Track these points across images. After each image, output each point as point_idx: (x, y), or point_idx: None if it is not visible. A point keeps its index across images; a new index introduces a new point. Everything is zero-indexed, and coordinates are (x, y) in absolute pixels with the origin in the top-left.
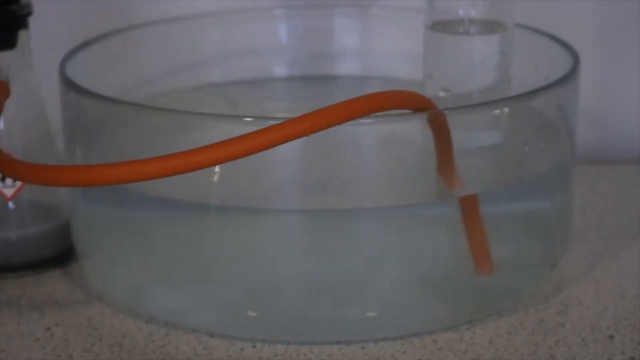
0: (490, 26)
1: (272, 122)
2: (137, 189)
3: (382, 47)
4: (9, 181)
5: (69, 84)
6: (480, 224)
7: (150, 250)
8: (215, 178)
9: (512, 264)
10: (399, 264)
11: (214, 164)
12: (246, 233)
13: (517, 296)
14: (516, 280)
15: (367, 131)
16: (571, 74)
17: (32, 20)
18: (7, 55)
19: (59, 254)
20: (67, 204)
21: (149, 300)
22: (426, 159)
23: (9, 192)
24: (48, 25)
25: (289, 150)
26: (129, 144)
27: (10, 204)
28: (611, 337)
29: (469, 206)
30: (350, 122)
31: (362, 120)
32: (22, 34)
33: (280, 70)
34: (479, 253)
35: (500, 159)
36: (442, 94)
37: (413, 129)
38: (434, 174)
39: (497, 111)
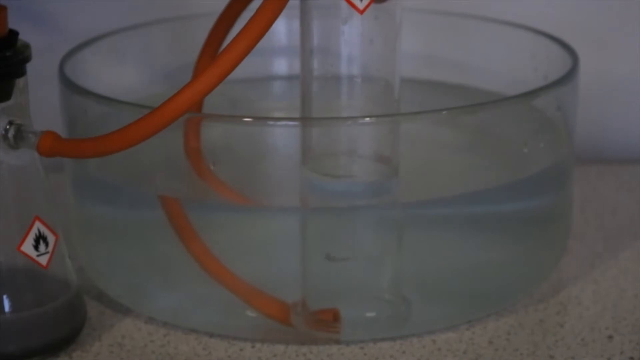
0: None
1: (271, 123)
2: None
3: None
4: (42, 247)
5: (69, 84)
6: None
7: (149, 250)
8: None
9: (512, 264)
10: (398, 264)
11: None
12: (245, 232)
13: (516, 296)
14: (515, 280)
15: (369, 130)
16: (570, 74)
17: (32, 20)
18: (1, 107)
19: (63, 339)
20: (73, 277)
21: (149, 301)
22: (428, 158)
23: (44, 260)
24: (48, 25)
25: (289, 149)
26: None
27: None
28: (610, 337)
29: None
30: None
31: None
32: (19, 82)
33: (279, 69)
34: None
35: (500, 159)
36: None
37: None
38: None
39: (497, 111)
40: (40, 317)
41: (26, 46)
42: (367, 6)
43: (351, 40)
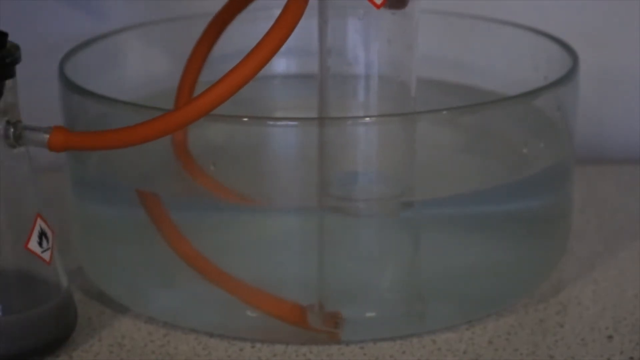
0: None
1: (271, 123)
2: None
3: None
4: (44, 244)
5: (69, 84)
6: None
7: (149, 250)
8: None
9: (512, 263)
10: (398, 264)
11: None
12: (245, 232)
13: (516, 296)
14: (515, 280)
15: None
16: (570, 74)
17: (32, 20)
18: None
19: (54, 341)
20: (64, 278)
21: (148, 301)
22: (427, 158)
23: (47, 256)
24: (48, 25)
25: (289, 148)
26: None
27: None
28: (610, 337)
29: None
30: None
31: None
32: (8, 83)
33: (279, 68)
34: None
35: (500, 159)
36: None
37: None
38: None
39: (497, 111)
40: (31, 320)
41: (16, 47)
42: (384, 1)
43: (369, 40)
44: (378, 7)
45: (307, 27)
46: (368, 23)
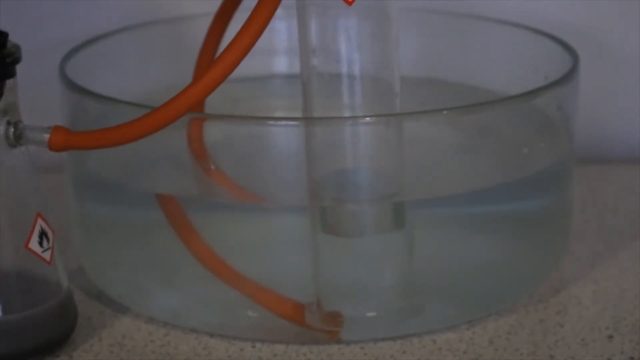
0: None
1: (272, 122)
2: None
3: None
4: (45, 244)
5: (69, 84)
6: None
7: (150, 250)
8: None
9: (512, 263)
10: (398, 264)
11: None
12: (246, 232)
13: (516, 296)
14: (516, 280)
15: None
16: (571, 74)
17: (32, 20)
18: None
19: (55, 340)
20: (64, 278)
21: (149, 300)
22: (427, 158)
23: (47, 256)
24: (48, 25)
25: (290, 147)
26: (129, 144)
27: None
28: (610, 337)
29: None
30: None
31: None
32: (9, 82)
33: (280, 67)
34: None
35: (500, 158)
36: None
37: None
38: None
39: (497, 111)
40: (31, 320)
41: (16, 47)
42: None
43: (346, 38)
44: (350, 3)
45: None
46: (344, 21)
